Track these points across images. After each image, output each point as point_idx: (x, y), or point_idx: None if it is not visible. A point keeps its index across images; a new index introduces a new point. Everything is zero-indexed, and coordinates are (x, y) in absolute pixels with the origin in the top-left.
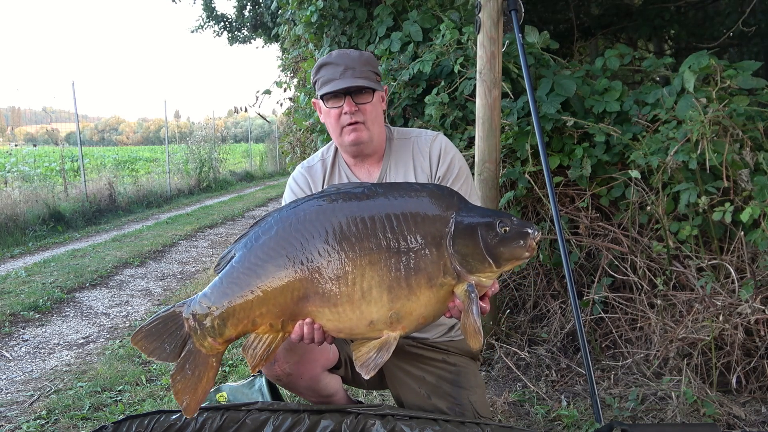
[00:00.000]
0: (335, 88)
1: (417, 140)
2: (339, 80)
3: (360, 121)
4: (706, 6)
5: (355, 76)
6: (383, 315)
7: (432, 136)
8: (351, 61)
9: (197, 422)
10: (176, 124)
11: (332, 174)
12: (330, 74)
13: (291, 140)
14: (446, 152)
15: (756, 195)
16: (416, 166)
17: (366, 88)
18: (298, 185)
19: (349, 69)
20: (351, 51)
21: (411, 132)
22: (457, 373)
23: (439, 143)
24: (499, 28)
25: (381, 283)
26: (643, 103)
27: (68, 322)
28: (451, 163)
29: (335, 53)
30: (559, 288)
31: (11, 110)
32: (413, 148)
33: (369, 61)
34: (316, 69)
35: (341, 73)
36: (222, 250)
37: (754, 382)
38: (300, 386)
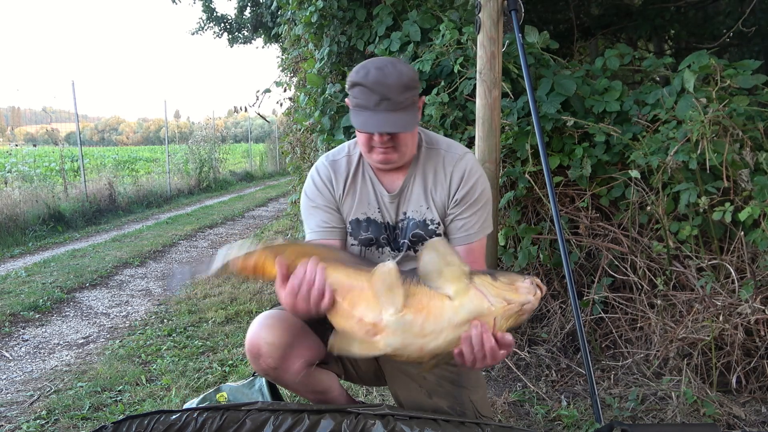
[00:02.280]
0: (366, 128)
1: (445, 155)
2: (372, 113)
3: (391, 146)
4: (706, 6)
5: (392, 109)
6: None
7: (459, 154)
8: (388, 89)
9: (197, 422)
10: (176, 124)
11: (356, 175)
12: (364, 100)
13: (291, 140)
14: (469, 175)
15: (756, 195)
16: (437, 182)
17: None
18: (321, 177)
19: (385, 100)
20: (389, 73)
21: (441, 143)
22: (458, 372)
23: (464, 165)
24: (499, 28)
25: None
26: (643, 103)
27: (68, 322)
28: (472, 187)
29: (373, 74)
30: (559, 288)
31: (11, 110)
32: (439, 163)
33: (408, 84)
34: (351, 83)
35: (376, 104)
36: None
37: (754, 382)
38: (289, 381)
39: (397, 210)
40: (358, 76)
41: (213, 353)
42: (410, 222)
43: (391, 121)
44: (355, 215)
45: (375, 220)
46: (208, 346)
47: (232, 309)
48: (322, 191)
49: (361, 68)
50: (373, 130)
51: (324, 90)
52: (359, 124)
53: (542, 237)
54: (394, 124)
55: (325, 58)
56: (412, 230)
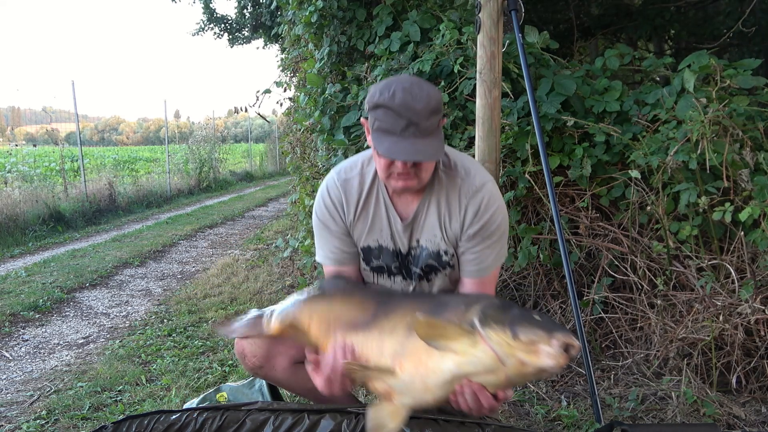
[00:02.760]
0: (393, 155)
1: (462, 184)
2: (398, 139)
3: (413, 172)
4: (706, 6)
5: (419, 135)
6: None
7: (476, 186)
8: (415, 114)
9: (197, 422)
10: (176, 124)
11: (368, 198)
12: (389, 124)
13: (291, 140)
14: (485, 209)
15: (756, 195)
16: (452, 213)
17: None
18: (332, 200)
19: (413, 125)
20: (417, 95)
21: (459, 167)
22: None
23: (480, 199)
24: (499, 28)
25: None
26: (643, 103)
27: (68, 322)
28: (486, 222)
29: (400, 96)
30: (559, 288)
31: (11, 110)
32: (454, 192)
33: (435, 108)
34: (373, 104)
35: (402, 129)
36: (222, 250)
37: (754, 382)
38: (278, 378)
39: (410, 237)
40: (383, 98)
41: (213, 353)
42: (423, 251)
43: (420, 148)
44: (367, 242)
45: (387, 248)
46: (208, 346)
47: (232, 309)
48: (333, 216)
49: (384, 88)
50: (402, 158)
51: (324, 90)
52: (384, 150)
53: (542, 237)
54: (423, 152)
55: (325, 58)
56: (425, 260)
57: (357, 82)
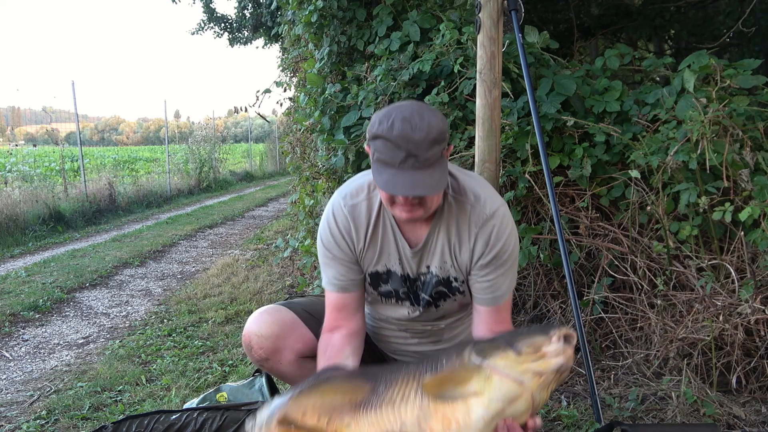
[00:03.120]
0: (391, 189)
1: (471, 212)
2: (397, 172)
3: (417, 203)
4: (706, 6)
5: (419, 167)
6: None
7: (487, 214)
8: (415, 145)
9: (197, 422)
10: (176, 124)
11: (377, 225)
12: (387, 156)
13: (291, 140)
14: (497, 239)
15: (756, 195)
16: (461, 241)
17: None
18: (339, 228)
19: (412, 157)
20: (417, 126)
21: (468, 192)
22: None
23: (491, 228)
24: (499, 28)
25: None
26: (643, 103)
27: (68, 322)
28: (499, 251)
29: (398, 127)
30: (559, 288)
31: (11, 110)
32: (464, 219)
33: (437, 138)
34: (372, 134)
35: (401, 162)
36: (222, 250)
37: (754, 382)
38: (283, 371)
39: (419, 263)
40: (381, 128)
41: (213, 353)
42: (433, 278)
43: (419, 181)
44: (375, 267)
45: (395, 273)
46: (208, 346)
47: (232, 309)
48: (340, 244)
49: (384, 118)
50: (400, 192)
51: (324, 90)
52: (382, 184)
53: (542, 237)
54: (422, 185)
55: (325, 58)
56: (435, 287)
57: (357, 82)
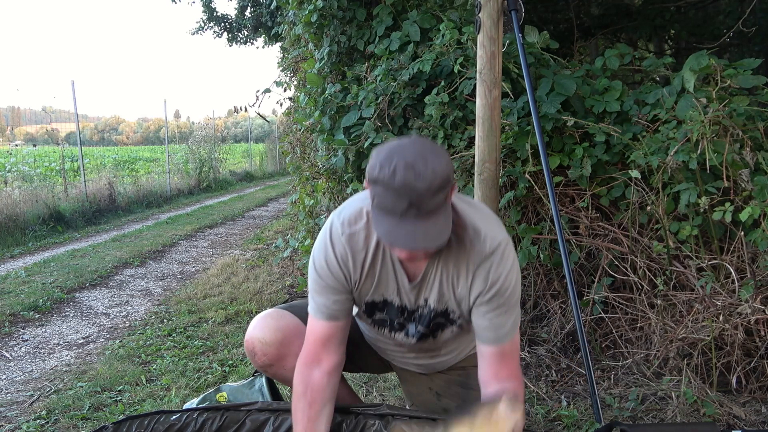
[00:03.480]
0: (392, 241)
1: (470, 249)
2: (398, 223)
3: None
4: (706, 6)
5: (421, 216)
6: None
7: (487, 251)
8: (417, 195)
9: (197, 422)
10: (176, 124)
11: (375, 257)
12: (389, 204)
13: (291, 140)
14: (496, 278)
15: (756, 195)
16: (459, 276)
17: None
18: (336, 258)
19: (414, 207)
20: (421, 173)
21: (468, 226)
22: (467, 375)
23: (489, 266)
24: (499, 28)
25: None
26: (643, 103)
27: (68, 322)
28: (498, 290)
29: (401, 175)
30: (559, 288)
31: (11, 110)
32: (462, 255)
33: (441, 185)
34: (372, 179)
35: (402, 212)
36: (222, 250)
37: (754, 382)
38: (287, 377)
39: (417, 296)
40: (383, 174)
41: (213, 353)
42: (431, 311)
43: (420, 232)
44: (372, 297)
45: (392, 303)
46: (208, 346)
47: (232, 309)
48: (335, 274)
49: (385, 161)
50: (401, 246)
51: (324, 90)
52: (383, 234)
53: (542, 237)
54: (423, 237)
55: (325, 58)
56: (433, 319)
57: (357, 82)
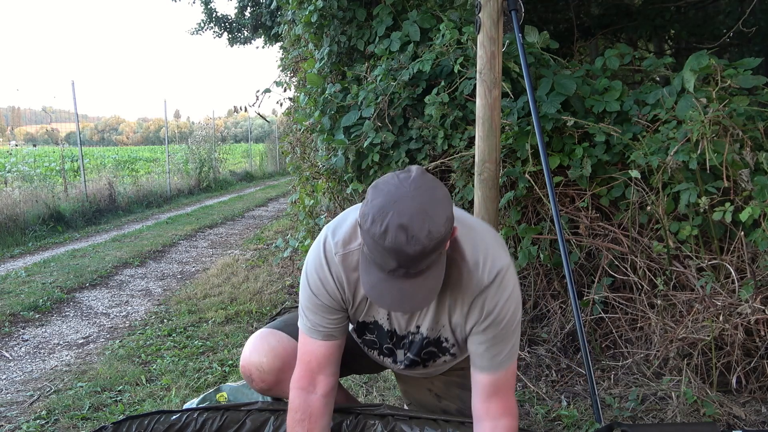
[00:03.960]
0: (375, 299)
1: (470, 277)
2: (386, 279)
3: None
4: (706, 6)
5: (411, 276)
6: None
7: (486, 281)
8: (408, 260)
9: (197, 422)
10: (176, 124)
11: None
12: (378, 259)
13: (291, 140)
14: (493, 306)
15: (756, 195)
16: (455, 306)
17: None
18: (331, 277)
19: (403, 268)
20: (414, 236)
21: (467, 254)
22: (466, 376)
23: (487, 294)
24: (499, 28)
25: None
26: (643, 103)
27: (68, 322)
28: (495, 318)
29: (391, 235)
30: (559, 288)
31: (11, 110)
32: (459, 285)
33: (435, 246)
34: (364, 230)
35: (391, 270)
36: (222, 250)
37: (754, 382)
38: (286, 395)
39: (408, 323)
40: (374, 230)
41: (213, 353)
42: (423, 339)
43: (408, 292)
44: (364, 318)
45: (382, 327)
46: (208, 346)
47: (232, 309)
48: (331, 292)
49: (378, 216)
50: (385, 306)
51: (324, 90)
52: (368, 289)
53: (542, 237)
54: (410, 299)
55: (325, 58)
56: (424, 348)
57: (357, 82)
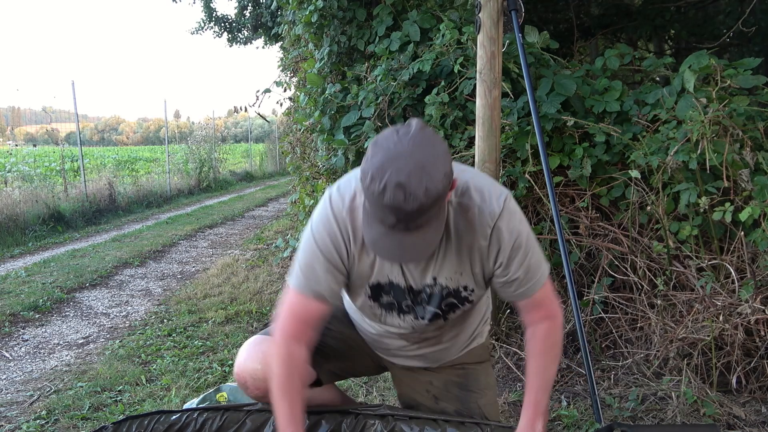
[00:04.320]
0: (377, 251)
1: (480, 214)
2: (387, 233)
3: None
4: (706, 6)
5: (411, 230)
6: None
7: (494, 212)
8: (407, 215)
9: (197, 422)
10: (176, 124)
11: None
12: (378, 216)
13: (291, 140)
14: (511, 232)
15: (756, 195)
16: (474, 247)
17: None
18: (340, 229)
19: (402, 222)
20: (413, 193)
21: (473, 194)
22: (466, 376)
23: (500, 227)
24: (499, 28)
25: None
26: (643, 103)
27: (68, 322)
28: (515, 243)
29: (389, 196)
30: (559, 288)
31: (11, 110)
32: (474, 224)
33: (434, 202)
34: (364, 187)
35: (391, 225)
36: (222, 250)
37: (754, 382)
38: None
39: (423, 274)
40: (373, 188)
41: (213, 353)
42: (443, 290)
43: (408, 245)
44: (377, 278)
45: (398, 285)
46: (208, 346)
47: (232, 309)
48: (338, 247)
49: (377, 174)
50: (386, 258)
51: (324, 90)
52: (369, 242)
53: (542, 237)
54: (410, 252)
55: (325, 58)
56: (444, 299)
57: (357, 82)
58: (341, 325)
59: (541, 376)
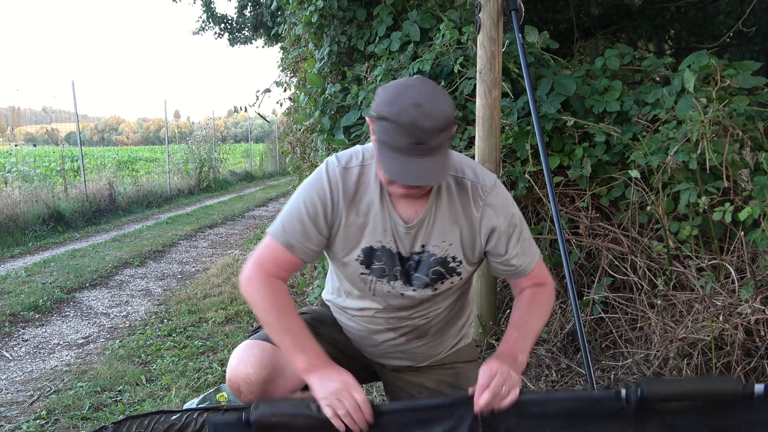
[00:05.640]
0: (397, 177)
1: (473, 190)
2: (404, 159)
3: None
4: (706, 6)
5: (426, 153)
6: None
7: (489, 184)
8: (424, 134)
9: (197, 422)
10: (176, 124)
11: (366, 197)
12: (394, 140)
13: (291, 140)
14: (505, 208)
15: (756, 195)
16: (468, 221)
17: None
18: (330, 188)
19: (420, 144)
20: (429, 113)
21: (467, 171)
22: (456, 375)
23: (492, 204)
24: (499, 28)
25: None
26: (643, 103)
27: (68, 322)
28: (510, 222)
29: (408, 113)
30: (559, 288)
31: (11, 110)
32: (467, 198)
33: (446, 124)
34: (379, 114)
35: (409, 148)
36: (222, 250)
37: (754, 382)
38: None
39: (413, 242)
40: (390, 111)
41: (213, 353)
42: (430, 257)
43: (424, 168)
44: (369, 243)
45: (389, 249)
46: (208, 346)
47: (232, 309)
48: (324, 204)
49: (393, 98)
50: (408, 182)
51: (324, 90)
52: (386, 169)
53: (542, 237)
54: (427, 174)
55: (325, 58)
56: (432, 266)
57: (357, 82)
58: (331, 330)
59: (522, 327)
